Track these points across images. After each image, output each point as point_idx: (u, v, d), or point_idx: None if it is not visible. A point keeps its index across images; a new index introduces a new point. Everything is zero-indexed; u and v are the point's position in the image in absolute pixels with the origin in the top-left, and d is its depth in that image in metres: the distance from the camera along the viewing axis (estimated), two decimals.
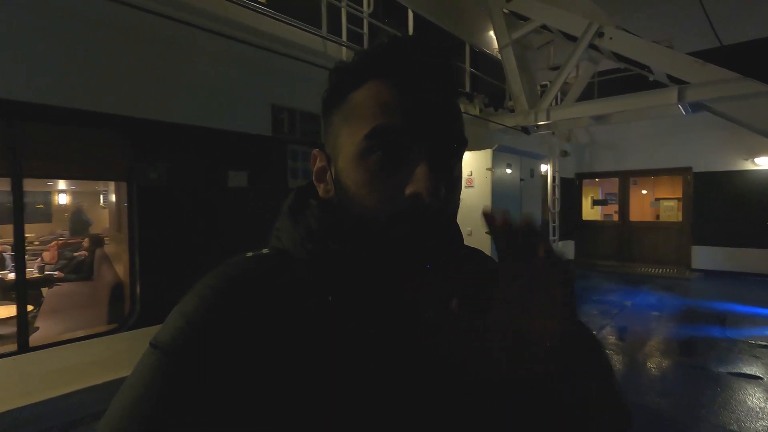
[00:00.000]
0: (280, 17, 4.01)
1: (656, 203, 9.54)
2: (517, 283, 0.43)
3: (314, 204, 0.51)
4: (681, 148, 8.29)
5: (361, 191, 0.47)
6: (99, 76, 2.68)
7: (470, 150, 5.51)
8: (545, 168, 8.02)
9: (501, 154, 5.52)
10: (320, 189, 0.53)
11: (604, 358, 0.51)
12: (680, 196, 8.71)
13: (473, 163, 5.47)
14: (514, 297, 0.43)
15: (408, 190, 0.45)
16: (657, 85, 5.34)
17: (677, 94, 4.99)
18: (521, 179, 5.95)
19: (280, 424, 0.41)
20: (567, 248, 9.27)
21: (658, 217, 9.38)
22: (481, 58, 7.12)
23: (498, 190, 5.41)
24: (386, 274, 0.47)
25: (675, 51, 5.21)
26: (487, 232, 0.46)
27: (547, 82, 6.27)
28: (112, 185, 4.80)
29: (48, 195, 8.15)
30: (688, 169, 8.39)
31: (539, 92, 6.60)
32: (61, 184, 7.98)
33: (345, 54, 5.02)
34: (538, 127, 6.46)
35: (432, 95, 0.47)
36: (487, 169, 5.33)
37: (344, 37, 5.08)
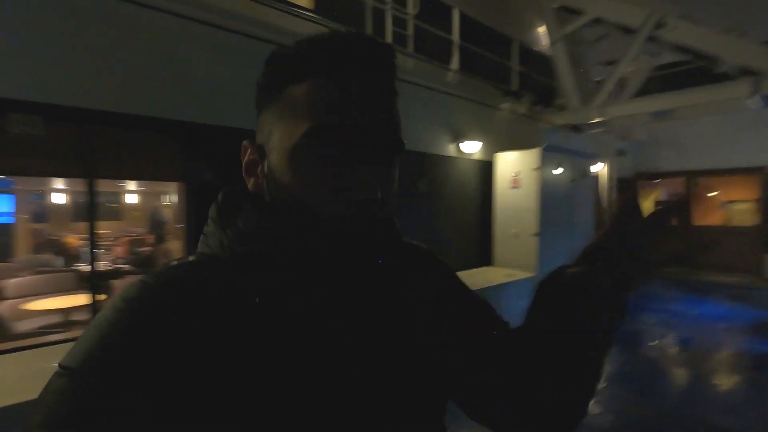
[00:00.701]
0: (326, 22, 4.13)
1: (726, 206, 8.77)
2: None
3: (245, 206, 0.49)
4: (756, 146, 7.57)
5: (298, 190, 0.45)
6: (157, 84, 2.89)
7: (517, 149, 5.36)
8: (599, 168, 7.63)
9: (550, 153, 5.32)
10: (250, 183, 0.50)
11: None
12: (754, 197, 7.95)
13: (520, 163, 5.32)
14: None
15: (347, 192, 0.44)
16: (723, 78, 4.92)
17: (751, 86, 4.57)
18: (572, 180, 5.70)
19: None
20: None
21: (726, 220, 8.62)
22: (530, 55, 6.90)
23: (547, 191, 5.22)
24: (321, 273, 0.46)
25: (748, 40, 4.78)
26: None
27: (602, 79, 5.96)
28: (173, 186, 5.14)
29: (118, 195, 8.87)
30: (763, 169, 7.64)
31: (592, 89, 6.30)
32: (131, 185, 8.64)
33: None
34: (591, 125, 6.16)
35: (375, 95, 0.46)
36: (534, 169, 5.16)
37: (390, 40, 5.12)
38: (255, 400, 0.40)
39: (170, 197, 8.47)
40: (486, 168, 5.56)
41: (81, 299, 3.76)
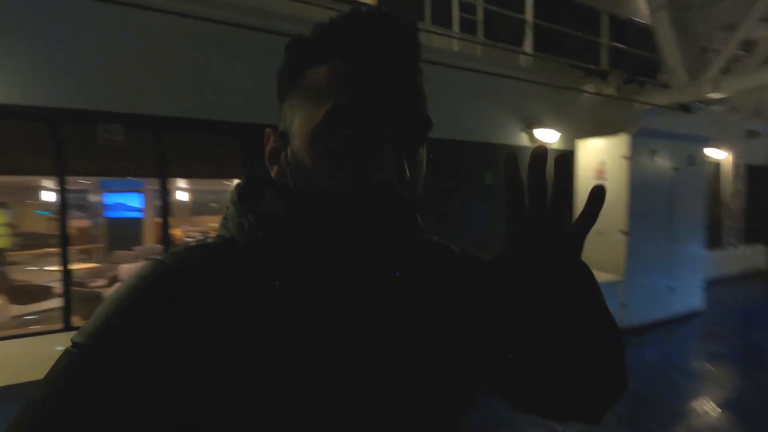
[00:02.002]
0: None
1: None
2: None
3: (267, 191, 0.48)
4: None
5: (321, 175, 0.44)
6: (218, 90, 3.15)
7: (603, 136, 4.77)
8: (717, 154, 6.45)
9: (644, 139, 4.63)
10: (273, 171, 0.50)
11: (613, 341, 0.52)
12: None
13: (605, 151, 4.72)
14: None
15: (374, 175, 0.42)
16: None
17: None
18: (674, 168, 4.89)
19: (221, 414, 0.39)
20: (755, 254, 7.29)
21: None
22: (622, 27, 6.08)
23: (639, 182, 4.56)
24: (344, 261, 0.45)
25: None
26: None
27: (716, 48, 5.01)
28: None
29: (222, 194, 9.93)
30: None
31: (704, 61, 5.32)
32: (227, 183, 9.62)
33: (456, 46, 4.87)
34: (707, 102, 5.22)
35: (397, 73, 0.44)
36: (624, 157, 4.54)
37: (455, 27, 4.93)
38: (262, 389, 0.40)
39: None
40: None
41: None
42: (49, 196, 12.37)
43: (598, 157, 4.79)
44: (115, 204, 9.14)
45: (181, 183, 9.10)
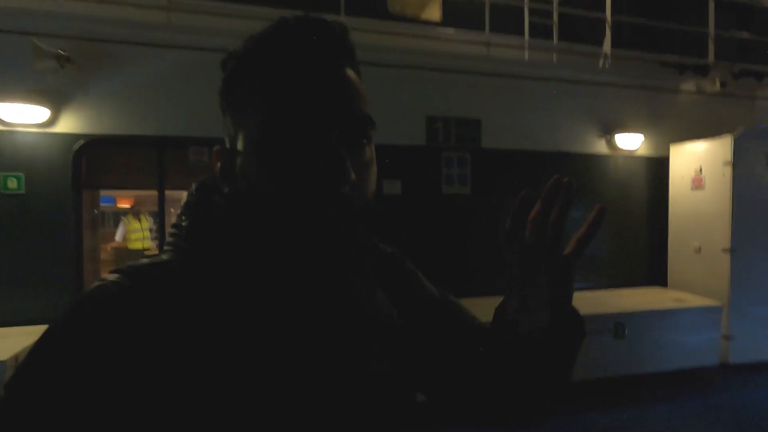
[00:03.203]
0: (454, 35, 4.21)
1: None
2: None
3: (219, 200, 0.49)
4: None
5: (262, 185, 0.44)
6: None
7: (701, 139, 4.16)
8: None
9: (753, 140, 3.91)
10: (225, 187, 0.49)
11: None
12: None
13: (704, 156, 4.10)
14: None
15: (312, 180, 0.43)
16: None
17: None
18: None
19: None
20: None
21: None
22: (737, 11, 5.19)
23: (747, 191, 3.86)
24: (286, 269, 0.46)
25: None
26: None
27: None
28: None
29: None
30: None
31: None
32: None
33: (527, 55, 4.74)
34: None
35: (327, 77, 0.45)
36: (725, 163, 3.89)
37: (526, 34, 4.80)
38: (197, 406, 0.40)
39: None
40: (656, 165, 4.49)
41: None
42: None
43: (695, 163, 4.18)
44: None
45: None
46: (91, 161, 3.37)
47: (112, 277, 0.43)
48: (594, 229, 0.46)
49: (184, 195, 0.52)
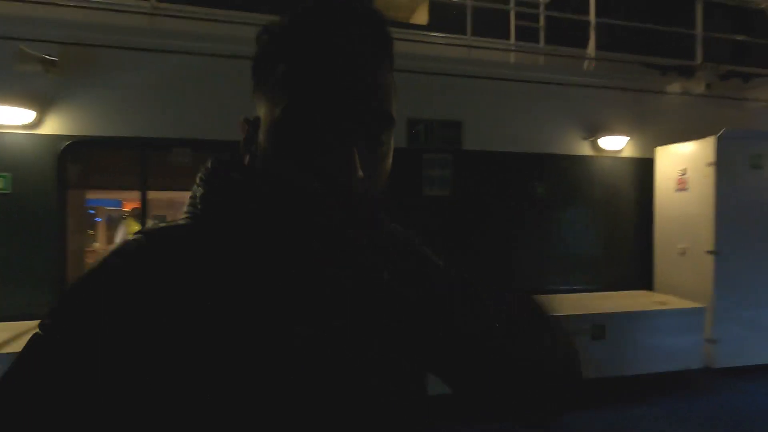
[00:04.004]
0: (439, 38, 4.25)
1: None
2: None
3: (236, 175, 0.49)
4: None
5: (278, 168, 0.45)
6: None
7: (685, 141, 4.14)
8: None
9: (736, 142, 3.88)
10: (246, 158, 0.51)
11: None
12: None
13: (688, 158, 4.08)
14: None
15: (325, 171, 0.43)
16: None
17: None
18: None
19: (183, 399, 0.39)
20: None
21: None
22: (724, 13, 5.16)
23: (731, 193, 3.82)
24: (297, 253, 0.46)
25: None
26: None
27: None
28: None
29: None
30: None
31: None
32: None
33: (513, 57, 4.76)
34: None
35: (355, 69, 0.45)
36: (708, 164, 3.86)
37: (512, 37, 4.83)
38: (210, 381, 0.40)
39: None
40: (642, 167, 4.47)
41: None
42: None
43: (680, 165, 4.16)
44: None
45: None
46: (77, 162, 3.47)
47: (133, 237, 0.46)
48: None
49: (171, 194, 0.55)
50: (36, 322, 0.42)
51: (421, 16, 5.02)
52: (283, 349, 0.43)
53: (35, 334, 0.40)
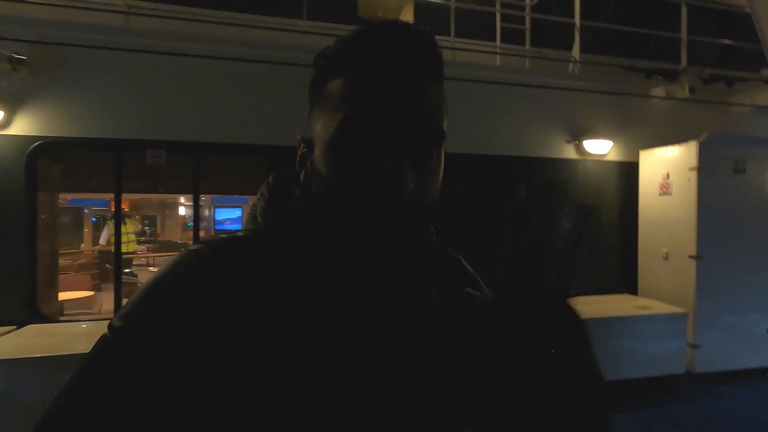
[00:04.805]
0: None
1: None
2: None
3: (296, 191, 0.51)
4: None
5: (333, 182, 0.47)
6: (244, 118, 3.60)
7: (670, 144, 4.12)
8: None
9: (719, 146, 3.87)
10: (302, 175, 0.52)
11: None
12: None
13: (671, 162, 4.06)
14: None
15: (375, 184, 0.44)
16: None
17: None
18: None
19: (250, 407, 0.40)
20: None
21: None
22: (708, 17, 5.16)
23: (714, 197, 3.81)
24: (352, 263, 0.47)
25: None
26: None
27: None
28: None
29: None
30: None
31: None
32: None
33: (498, 60, 4.73)
34: None
35: (408, 84, 0.46)
36: (690, 168, 3.85)
37: (498, 39, 4.80)
38: (283, 384, 0.41)
39: None
40: (626, 170, 4.45)
41: None
42: (182, 211, 14.82)
43: (663, 169, 4.14)
44: (222, 218, 10.70)
45: None
46: (48, 164, 3.39)
47: (196, 246, 0.47)
48: None
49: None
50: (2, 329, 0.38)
51: (407, 17, 4.97)
52: (337, 378, 0.43)
53: (104, 337, 0.41)
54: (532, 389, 0.46)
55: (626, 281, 4.44)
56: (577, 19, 4.44)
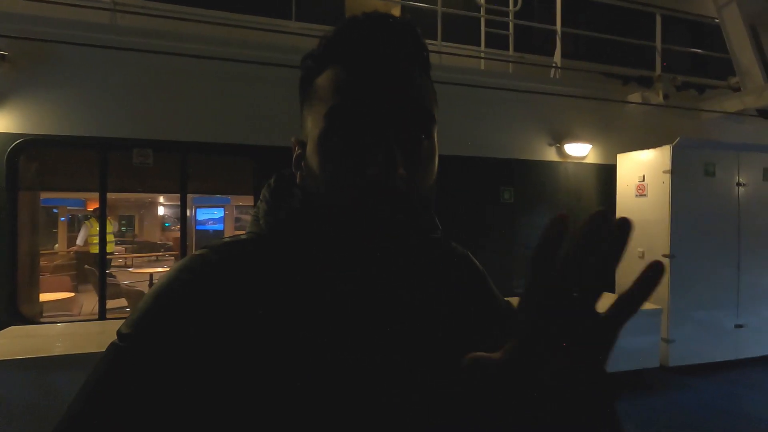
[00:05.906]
0: None
1: None
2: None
3: (296, 192, 0.51)
4: None
5: (322, 176, 0.46)
6: (231, 118, 3.60)
7: (645, 149, 4.30)
8: None
9: (690, 150, 4.06)
10: (298, 177, 0.52)
11: None
12: None
13: (647, 165, 4.24)
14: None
15: (365, 173, 0.43)
16: None
17: None
18: (738, 184, 4.18)
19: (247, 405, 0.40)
20: None
21: None
22: (684, 27, 5.41)
23: (686, 199, 4.00)
24: (352, 259, 0.47)
25: None
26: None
27: None
28: None
29: None
30: None
31: None
32: None
33: (482, 64, 4.84)
34: None
35: (393, 72, 0.46)
36: (664, 171, 4.03)
37: (482, 44, 4.90)
38: (283, 382, 0.41)
39: None
40: (605, 172, 4.63)
41: None
42: (161, 211, 14.52)
43: (639, 171, 4.32)
44: (204, 219, 10.55)
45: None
46: (29, 162, 3.32)
47: (200, 251, 0.47)
48: (648, 287, 0.32)
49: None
50: None
51: None
52: (337, 379, 0.43)
53: (114, 344, 0.42)
54: (532, 389, 0.36)
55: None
56: (558, 26, 4.59)
